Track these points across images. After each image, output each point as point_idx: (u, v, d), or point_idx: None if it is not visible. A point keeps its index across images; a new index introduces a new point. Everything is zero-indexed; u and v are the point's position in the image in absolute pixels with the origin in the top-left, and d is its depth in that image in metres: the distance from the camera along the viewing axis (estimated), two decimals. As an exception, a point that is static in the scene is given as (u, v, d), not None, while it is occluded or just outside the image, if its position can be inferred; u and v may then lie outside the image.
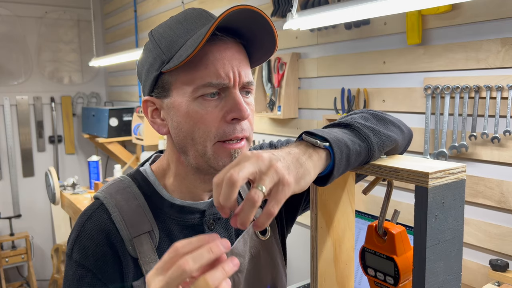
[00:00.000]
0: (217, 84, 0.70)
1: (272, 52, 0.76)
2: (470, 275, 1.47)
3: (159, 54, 0.73)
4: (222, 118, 0.71)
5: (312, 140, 0.60)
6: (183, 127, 0.73)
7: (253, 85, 0.76)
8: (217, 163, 0.73)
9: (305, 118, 2.11)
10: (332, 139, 0.59)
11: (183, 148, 0.75)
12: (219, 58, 0.70)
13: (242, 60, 0.74)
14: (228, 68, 0.71)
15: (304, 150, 0.58)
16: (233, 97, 0.71)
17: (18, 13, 4.01)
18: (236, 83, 0.72)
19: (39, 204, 4.20)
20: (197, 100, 0.71)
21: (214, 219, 0.82)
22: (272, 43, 0.73)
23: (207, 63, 0.70)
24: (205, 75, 0.70)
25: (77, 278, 0.74)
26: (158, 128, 0.78)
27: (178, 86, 0.72)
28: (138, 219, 0.76)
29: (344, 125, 0.66)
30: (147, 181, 0.81)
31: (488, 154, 1.40)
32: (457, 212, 0.60)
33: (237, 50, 0.73)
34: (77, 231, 0.77)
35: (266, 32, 0.71)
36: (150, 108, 0.78)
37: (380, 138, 0.65)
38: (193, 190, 0.80)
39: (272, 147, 0.96)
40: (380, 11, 1.21)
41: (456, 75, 1.46)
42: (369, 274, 0.74)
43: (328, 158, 0.59)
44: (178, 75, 0.72)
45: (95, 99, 4.51)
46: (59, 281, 3.46)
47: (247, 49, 0.76)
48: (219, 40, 0.71)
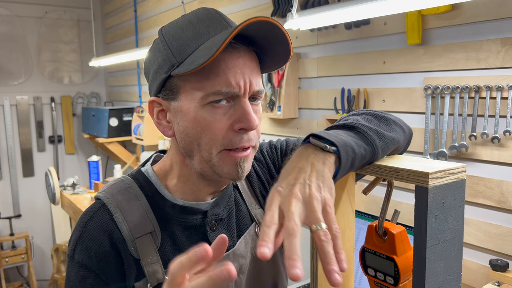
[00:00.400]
0: (227, 93, 0.69)
1: (285, 62, 0.75)
2: (470, 275, 1.47)
3: (169, 57, 0.71)
4: (230, 127, 0.71)
5: (321, 144, 0.59)
6: (190, 132, 0.72)
7: (263, 93, 0.75)
8: (222, 170, 0.73)
9: (305, 118, 2.11)
10: (339, 144, 0.59)
11: (189, 152, 0.75)
12: (231, 66, 0.69)
13: (254, 69, 0.73)
14: (239, 78, 0.70)
15: (317, 156, 0.59)
16: (242, 106, 0.70)
17: (18, 13, 4.01)
18: (247, 92, 0.71)
19: (39, 204, 4.20)
20: (206, 106, 0.70)
21: (216, 220, 0.82)
22: (286, 54, 0.72)
23: (219, 71, 0.69)
24: (216, 83, 0.69)
25: (80, 279, 0.74)
26: (163, 129, 0.77)
27: (187, 90, 0.71)
28: (140, 219, 0.76)
29: (349, 127, 0.66)
30: (148, 182, 0.80)
31: (488, 154, 1.40)
32: (457, 212, 0.60)
33: (249, 58, 0.72)
34: (79, 232, 0.76)
35: (280, 43, 0.70)
36: (156, 109, 0.77)
37: (385, 142, 0.65)
38: (196, 192, 0.80)
39: (271, 147, 0.96)
40: (380, 11, 1.21)
41: (456, 75, 1.46)
42: (369, 274, 0.74)
43: (337, 162, 0.59)
44: (187, 79, 0.71)
45: (95, 99, 4.51)
46: (59, 281, 3.46)
47: (259, 55, 0.75)
48: (232, 47, 0.70)
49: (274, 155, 0.94)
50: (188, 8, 2.84)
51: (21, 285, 4.02)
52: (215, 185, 0.80)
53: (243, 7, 2.42)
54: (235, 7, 2.48)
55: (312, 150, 0.60)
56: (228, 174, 0.73)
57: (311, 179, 0.55)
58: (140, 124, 3.31)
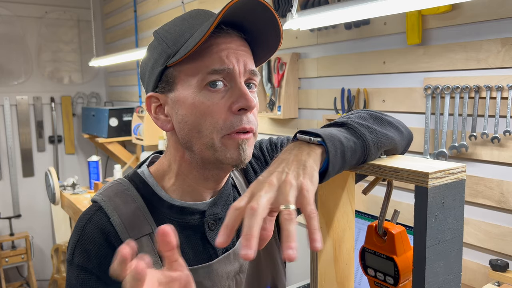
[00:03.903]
0: (221, 70, 0.70)
1: (275, 48, 0.76)
2: (470, 275, 1.47)
3: (165, 49, 0.73)
4: (229, 109, 0.71)
5: (305, 137, 0.60)
6: (189, 119, 0.72)
7: (257, 76, 0.76)
8: (225, 155, 0.72)
9: (305, 118, 2.11)
10: (325, 135, 0.59)
11: (188, 143, 0.74)
12: (224, 48, 0.71)
13: (246, 52, 0.74)
14: (232, 56, 0.71)
15: (301, 149, 0.59)
16: (239, 87, 0.71)
17: (18, 13, 4.01)
18: (241, 71, 0.72)
19: (39, 204, 4.20)
20: (203, 91, 0.71)
21: (215, 219, 0.81)
22: (277, 38, 0.74)
23: (211, 52, 0.70)
24: (209, 63, 0.70)
25: (81, 283, 0.73)
26: (161, 124, 0.77)
27: (183, 78, 0.72)
28: (138, 221, 0.75)
29: (339, 124, 0.66)
30: (145, 183, 0.80)
31: (488, 154, 1.40)
32: (457, 212, 0.60)
33: (242, 43, 0.74)
34: (77, 235, 0.76)
35: (270, 24, 0.72)
36: (154, 105, 0.77)
37: (376, 136, 0.64)
38: (195, 189, 0.80)
39: (272, 144, 0.96)
40: (380, 11, 1.21)
41: (456, 75, 1.46)
42: (369, 274, 0.74)
43: (324, 154, 0.59)
44: (182, 67, 0.72)
45: (95, 99, 4.51)
46: (59, 281, 3.46)
47: (251, 46, 0.77)
48: (225, 32, 0.72)
49: (274, 152, 0.94)
50: (188, 8, 2.84)
51: (21, 285, 4.02)
52: (214, 179, 0.79)
53: (243, 7, 2.42)
54: (235, 7, 2.47)
55: (298, 144, 0.60)
56: (231, 158, 0.73)
57: (290, 167, 0.56)
58: (140, 124, 3.31)
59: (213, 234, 0.80)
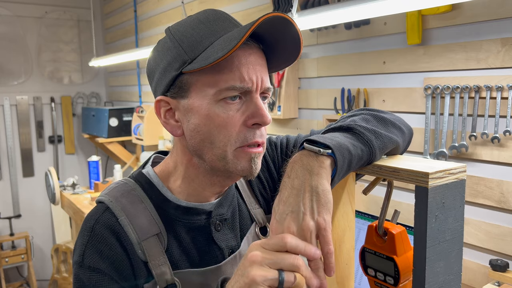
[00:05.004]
0: (240, 88, 0.69)
1: (293, 61, 0.75)
2: (470, 275, 1.47)
3: (181, 54, 0.71)
4: (243, 123, 0.71)
5: (315, 149, 0.60)
6: (202, 129, 0.71)
7: (271, 91, 0.76)
8: (236, 167, 0.72)
9: (305, 118, 2.11)
10: (334, 146, 0.59)
11: (199, 151, 0.74)
12: (244, 63, 0.69)
13: (263, 66, 0.73)
14: (252, 73, 0.70)
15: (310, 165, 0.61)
16: (254, 102, 0.71)
17: (18, 13, 4.01)
18: (258, 87, 0.71)
19: (39, 204, 4.20)
20: (219, 103, 0.70)
21: (221, 220, 0.81)
22: (296, 51, 0.73)
23: (232, 67, 0.69)
24: (229, 79, 0.69)
25: (94, 284, 0.72)
26: (171, 129, 0.76)
27: (199, 87, 0.70)
28: (146, 222, 0.75)
29: (345, 128, 0.66)
30: (151, 184, 0.79)
31: (488, 154, 1.40)
32: (457, 212, 0.60)
33: (259, 55, 0.73)
34: (87, 237, 0.74)
35: (291, 39, 0.71)
36: (163, 109, 0.75)
37: (382, 141, 0.65)
38: (201, 192, 0.79)
39: (271, 144, 0.95)
40: (380, 11, 1.21)
41: (456, 75, 1.46)
42: (369, 274, 0.74)
43: (332, 164, 0.60)
44: (200, 76, 0.70)
45: (95, 99, 4.51)
46: (59, 281, 3.46)
47: (266, 54, 0.76)
48: (245, 44, 0.70)
49: (274, 152, 0.94)
50: (188, 7, 2.84)
51: (21, 285, 4.02)
52: (220, 185, 0.79)
53: (243, 7, 2.42)
54: (235, 7, 2.47)
55: (306, 158, 0.61)
56: (242, 171, 0.73)
57: (304, 201, 0.59)
58: (140, 124, 3.31)
59: (219, 235, 0.80)
